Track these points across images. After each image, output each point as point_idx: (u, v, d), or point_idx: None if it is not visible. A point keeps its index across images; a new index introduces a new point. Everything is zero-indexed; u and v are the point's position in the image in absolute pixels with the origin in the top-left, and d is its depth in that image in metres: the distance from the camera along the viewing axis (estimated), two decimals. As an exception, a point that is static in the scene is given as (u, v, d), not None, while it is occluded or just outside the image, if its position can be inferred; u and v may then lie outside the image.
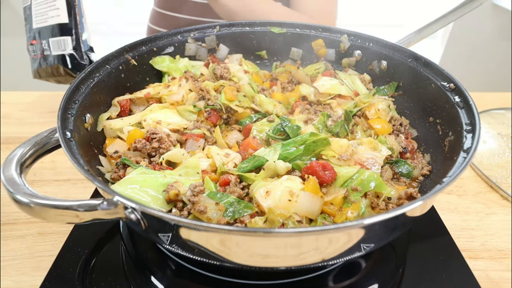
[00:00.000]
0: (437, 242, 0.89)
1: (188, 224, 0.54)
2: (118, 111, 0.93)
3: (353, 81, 1.09)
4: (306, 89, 1.08)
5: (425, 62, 0.94)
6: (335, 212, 0.71)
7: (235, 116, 1.00)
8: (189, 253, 0.62)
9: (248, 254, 0.59)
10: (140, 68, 1.04)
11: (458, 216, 0.99)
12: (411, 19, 3.39)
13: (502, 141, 1.23)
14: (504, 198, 1.05)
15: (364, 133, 0.94)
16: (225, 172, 0.77)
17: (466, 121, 0.78)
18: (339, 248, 0.60)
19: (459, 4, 1.03)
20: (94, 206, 0.56)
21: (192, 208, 0.67)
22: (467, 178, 1.12)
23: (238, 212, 0.68)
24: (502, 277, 0.83)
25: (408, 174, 0.85)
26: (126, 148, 0.86)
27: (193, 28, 1.14)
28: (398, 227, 0.66)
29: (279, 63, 1.24)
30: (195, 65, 1.14)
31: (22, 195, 0.56)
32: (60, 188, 1.07)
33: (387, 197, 0.75)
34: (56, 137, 0.73)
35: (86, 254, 0.83)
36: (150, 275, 0.79)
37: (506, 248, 0.90)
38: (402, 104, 1.04)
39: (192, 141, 0.87)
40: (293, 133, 0.86)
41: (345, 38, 1.13)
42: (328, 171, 0.75)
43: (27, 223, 0.94)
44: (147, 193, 0.69)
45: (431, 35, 1.09)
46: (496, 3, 2.97)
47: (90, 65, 0.88)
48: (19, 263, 0.85)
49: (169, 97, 0.98)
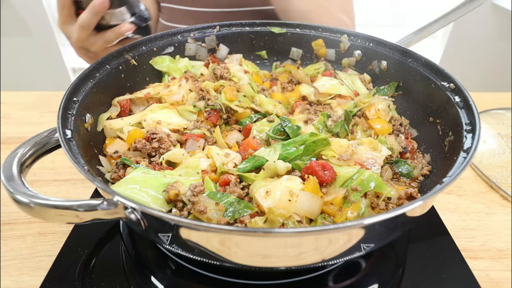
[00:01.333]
0: (437, 242, 0.89)
1: (188, 224, 0.54)
2: (118, 111, 0.93)
3: (353, 81, 1.09)
4: (306, 89, 1.08)
5: (425, 62, 0.94)
6: (335, 212, 0.71)
7: (235, 116, 1.00)
8: (189, 253, 0.62)
9: (248, 254, 0.59)
10: (140, 68, 1.04)
11: (458, 216, 0.99)
12: (411, 19, 3.39)
13: (502, 141, 1.23)
14: (504, 198, 1.05)
15: (364, 133, 0.94)
16: (225, 172, 0.77)
17: (466, 121, 0.77)
18: (339, 248, 0.60)
19: (459, 4, 1.03)
20: (94, 206, 0.56)
21: (192, 208, 0.67)
22: (467, 178, 1.12)
23: (238, 212, 0.68)
24: (502, 277, 0.83)
25: (408, 174, 0.85)
26: (126, 148, 0.86)
27: (193, 28, 1.14)
28: (398, 227, 0.66)
29: (279, 63, 1.24)
30: (195, 65, 1.14)
31: (22, 195, 0.56)
32: (60, 188, 1.07)
33: (387, 197, 0.75)
34: (56, 137, 0.73)
35: (86, 254, 0.83)
36: (150, 275, 0.79)
37: (506, 248, 0.90)
38: (402, 104, 1.04)
39: (192, 141, 0.87)
40: (293, 133, 0.86)
41: (345, 38, 1.13)
42: (328, 170, 0.75)
43: (27, 223, 0.94)
44: (147, 193, 0.69)
45: (431, 35, 1.09)
46: (496, 3, 2.97)
47: (90, 65, 0.89)
48: (19, 263, 0.85)
49: (169, 97, 0.98)
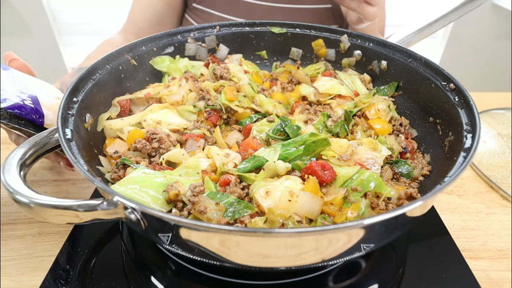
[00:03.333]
0: (437, 242, 0.89)
1: (188, 224, 0.54)
2: (118, 111, 0.93)
3: (353, 81, 1.09)
4: (306, 89, 1.08)
5: (425, 62, 0.94)
6: (335, 212, 0.71)
7: (235, 116, 1.00)
8: (189, 253, 0.62)
9: (248, 254, 0.59)
10: (140, 68, 1.04)
11: (458, 216, 0.99)
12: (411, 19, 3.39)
13: (502, 141, 1.23)
14: (504, 198, 1.05)
15: (364, 133, 0.94)
16: (225, 172, 0.77)
17: (466, 121, 0.77)
18: (339, 248, 0.60)
19: (459, 4, 1.03)
20: (94, 206, 0.56)
21: (192, 209, 0.67)
22: (467, 178, 1.12)
23: (238, 212, 0.68)
24: (502, 277, 0.83)
25: (408, 174, 0.85)
26: (126, 148, 0.85)
27: (193, 28, 1.14)
28: (398, 227, 0.66)
29: (279, 63, 1.24)
30: (195, 65, 1.14)
31: (22, 195, 0.56)
32: (60, 188, 1.06)
33: (387, 197, 0.75)
34: (56, 137, 0.73)
35: (86, 254, 0.83)
36: (150, 275, 0.79)
37: (506, 248, 0.90)
38: (402, 104, 1.04)
39: (192, 141, 0.87)
40: (293, 134, 0.86)
41: (345, 38, 1.13)
42: (328, 170, 0.75)
43: (27, 223, 0.94)
44: (147, 193, 0.69)
45: (431, 35, 1.09)
46: (496, 3, 2.97)
47: (90, 65, 0.88)
48: (19, 263, 0.84)
49: (169, 97, 0.98)
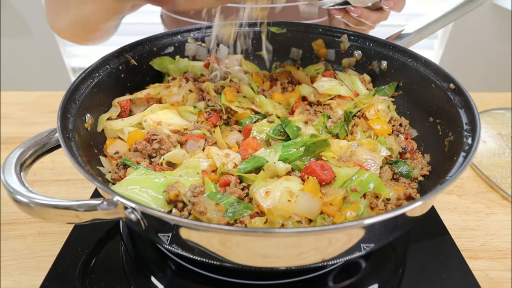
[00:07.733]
0: (437, 242, 0.89)
1: (188, 224, 0.54)
2: (118, 112, 0.93)
3: (353, 81, 1.09)
4: (306, 89, 1.08)
5: (425, 62, 0.94)
6: (335, 213, 0.71)
7: (235, 117, 1.00)
8: (189, 253, 0.62)
9: (248, 254, 0.59)
10: (140, 68, 1.04)
11: (458, 216, 0.99)
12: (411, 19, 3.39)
13: (502, 141, 1.23)
14: (504, 198, 1.05)
15: (364, 133, 0.94)
16: (225, 173, 0.77)
17: (466, 121, 0.77)
18: (339, 248, 0.60)
19: (459, 4, 1.03)
20: (94, 206, 0.56)
21: (192, 209, 0.67)
22: (467, 178, 1.12)
23: (238, 213, 0.68)
24: (502, 277, 0.83)
25: (407, 175, 0.85)
26: (126, 149, 0.86)
27: (193, 28, 1.14)
28: (398, 227, 0.66)
29: (279, 63, 1.24)
30: (195, 66, 1.14)
31: (22, 195, 0.56)
32: (60, 188, 1.07)
33: (385, 198, 0.75)
34: (56, 137, 0.73)
35: (86, 254, 0.83)
36: (150, 275, 0.79)
37: (506, 248, 0.90)
38: (402, 104, 1.04)
39: (192, 141, 0.87)
40: (293, 134, 0.86)
41: (345, 38, 1.13)
42: (326, 170, 0.75)
43: (27, 223, 0.94)
44: (147, 194, 0.69)
45: (431, 35, 1.09)
46: (496, 3, 2.97)
47: (90, 65, 0.88)
48: (19, 263, 0.85)
49: (169, 97, 0.98)
